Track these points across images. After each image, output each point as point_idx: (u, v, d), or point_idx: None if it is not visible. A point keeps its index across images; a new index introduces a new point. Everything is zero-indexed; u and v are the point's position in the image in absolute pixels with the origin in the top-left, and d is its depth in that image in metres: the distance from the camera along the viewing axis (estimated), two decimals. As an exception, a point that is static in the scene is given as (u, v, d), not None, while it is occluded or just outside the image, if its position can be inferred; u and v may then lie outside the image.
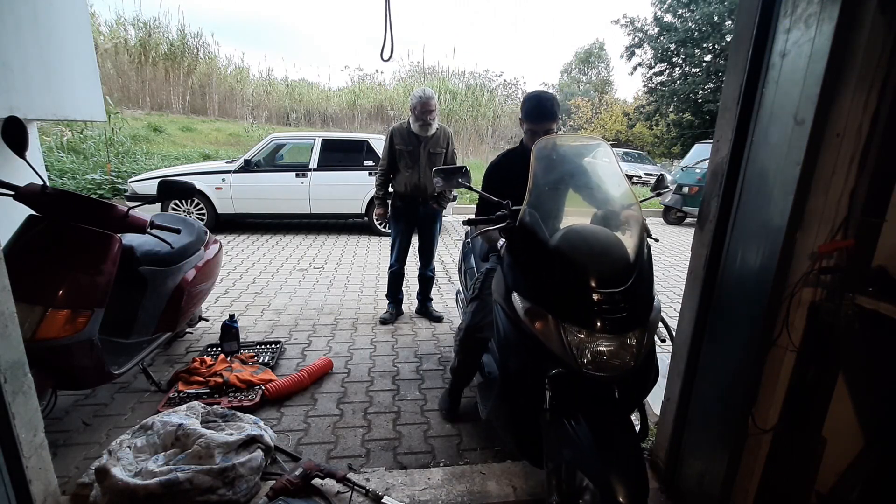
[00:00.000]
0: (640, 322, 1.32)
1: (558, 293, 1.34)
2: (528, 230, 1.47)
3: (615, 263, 1.36)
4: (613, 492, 1.13)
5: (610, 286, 1.31)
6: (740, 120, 1.44)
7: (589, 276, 1.32)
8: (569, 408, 1.34)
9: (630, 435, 1.29)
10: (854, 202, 1.24)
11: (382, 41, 2.21)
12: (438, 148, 3.20)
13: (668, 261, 5.84)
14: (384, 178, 3.27)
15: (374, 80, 19.31)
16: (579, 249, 1.38)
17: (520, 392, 1.50)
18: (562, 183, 1.64)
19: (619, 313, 1.28)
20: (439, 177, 1.85)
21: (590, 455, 1.22)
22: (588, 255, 1.37)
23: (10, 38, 2.65)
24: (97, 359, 1.93)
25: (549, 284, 1.37)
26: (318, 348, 3.00)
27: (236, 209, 6.24)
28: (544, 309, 1.35)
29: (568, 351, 1.29)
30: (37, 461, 1.48)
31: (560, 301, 1.33)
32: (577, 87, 33.22)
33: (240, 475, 1.64)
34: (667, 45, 18.65)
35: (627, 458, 1.22)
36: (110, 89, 12.64)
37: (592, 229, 1.49)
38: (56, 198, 1.85)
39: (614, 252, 1.39)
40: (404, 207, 3.28)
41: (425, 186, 3.19)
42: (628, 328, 1.29)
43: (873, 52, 1.15)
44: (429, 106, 3.03)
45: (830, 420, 1.36)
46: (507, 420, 1.62)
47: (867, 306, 1.18)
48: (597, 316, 1.28)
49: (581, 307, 1.30)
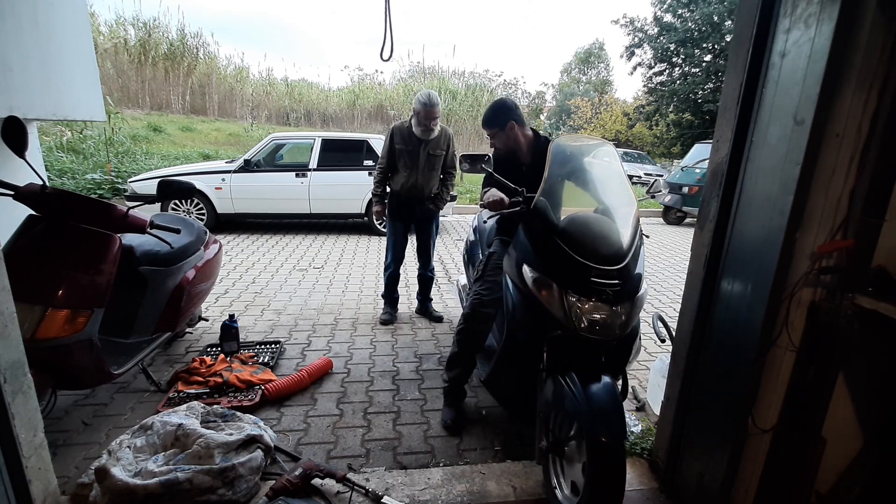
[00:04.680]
0: (629, 297, 1.58)
1: (563, 266, 1.59)
2: (541, 213, 1.72)
3: (612, 246, 1.60)
4: (597, 433, 1.38)
5: (607, 264, 1.55)
6: (740, 120, 1.44)
7: (590, 254, 1.56)
8: (563, 366, 1.58)
9: (613, 392, 1.50)
10: (854, 202, 1.24)
11: (382, 41, 2.21)
12: (439, 150, 3.19)
13: (668, 261, 5.84)
14: (382, 175, 3.26)
15: (374, 80, 19.33)
16: (583, 232, 1.63)
17: (522, 353, 1.77)
18: (571, 176, 1.87)
19: (613, 287, 1.52)
20: (466, 161, 2.09)
21: (580, 404, 1.45)
22: (590, 237, 1.61)
23: (10, 38, 2.65)
24: (97, 359, 1.93)
25: (556, 259, 1.62)
26: (317, 348, 3.00)
27: (236, 209, 6.24)
28: (550, 279, 1.61)
29: (568, 315, 1.56)
30: (37, 461, 1.48)
31: (564, 273, 1.59)
32: (577, 87, 33.22)
33: (239, 475, 1.64)
34: (667, 45, 18.64)
35: (610, 409, 1.44)
36: (110, 89, 12.64)
37: (595, 217, 1.74)
38: (56, 198, 1.85)
39: (612, 237, 1.63)
40: (401, 207, 3.28)
41: (422, 187, 3.19)
42: (619, 301, 1.54)
43: (873, 52, 1.15)
44: (433, 113, 3.02)
45: (830, 420, 1.36)
46: (507, 379, 1.90)
47: (867, 306, 1.18)
48: (594, 287, 1.52)
49: (581, 279, 1.54)
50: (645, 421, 2.24)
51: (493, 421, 2.27)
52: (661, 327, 2.19)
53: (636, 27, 19.88)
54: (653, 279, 4.97)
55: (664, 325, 2.19)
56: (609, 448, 1.37)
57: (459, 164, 2.12)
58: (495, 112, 2.22)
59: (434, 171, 3.23)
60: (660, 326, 2.20)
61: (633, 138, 23.80)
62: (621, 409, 1.45)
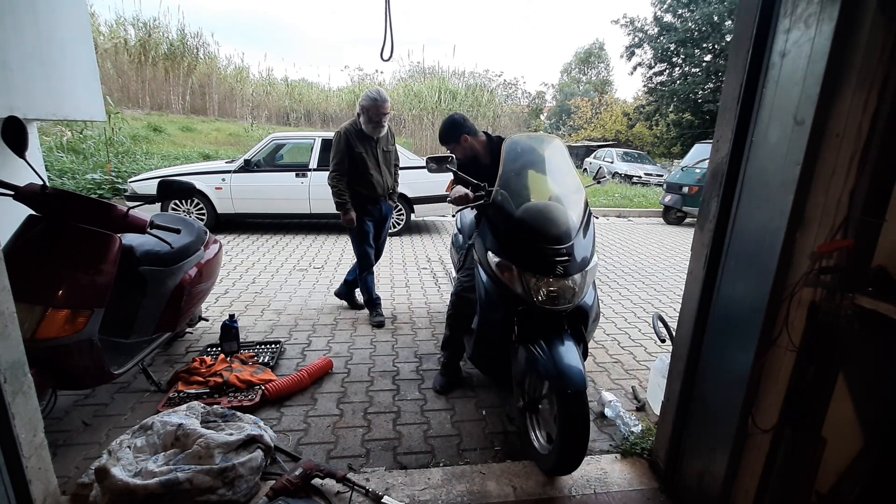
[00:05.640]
0: (579, 269, 1.84)
1: (519, 250, 1.87)
2: (499, 205, 1.99)
3: (561, 227, 1.86)
4: (565, 387, 1.64)
5: (557, 244, 1.82)
6: (740, 120, 1.44)
7: (542, 236, 1.83)
8: (532, 336, 1.84)
9: (575, 352, 1.77)
10: (854, 202, 1.23)
11: (382, 41, 2.21)
12: (389, 146, 3.33)
13: (668, 261, 5.84)
14: (344, 181, 3.14)
15: (374, 80, 19.34)
16: (535, 218, 1.89)
17: (496, 329, 2.01)
18: (524, 169, 2.11)
19: (564, 262, 1.79)
20: (433, 163, 2.27)
21: (549, 366, 1.71)
22: (542, 222, 1.88)
23: (10, 38, 2.65)
24: (97, 359, 1.93)
25: (513, 244, 1.90)
26: (318, 348, 3.00)
27: (236, 209, 6.24)
28: (510, 262, 1.87)
29: (527, 291, 1.82)
30: (37, 461, 1.48)
31: (521, 255, 1.86)
32: (577, 87, 33.22)
33: (239, 475, 1.64)
34: (667, 45, 18.65)
35: (574, 367, 1.70)
36: (110, 89, 12.64)
37: (546, 204, 1.99)
38: (56, 198, 1.85)
39: (561, 220, 1.88)
40: (372, 208, 3.30)
41: (387, 184, 3.32)
42: (570, 273, 1.81)
43: (873, 52, 1.14)
44: (384, 109, 3.09)
45: (830, 420, 1.36)
46: (486, 353, 2.15)
47: (867, 306, 1.18)
48: (547, 264, 1.79)
49: (536, 259, 1.82)
50: (645, 421, 2.24)
51: (493, 421, 2.27)
52: (661, 327, 2.19)
53: (636, 27, 19.89)
54: (653, 279, 4.97)
55: (664, 325, 2.19)
56: (574, 398, 1.64)
57: (426, 166, 2.26)
58: (447, 130, 2.54)
59: (390, 167, 3.35)
60: (660, 326, 2.20)
61: (633, 138, 23.79)
62: (582, 366, 1.73)
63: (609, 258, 5.85)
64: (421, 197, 6.59)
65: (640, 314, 3.88)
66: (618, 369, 2.88)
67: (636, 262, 5.68)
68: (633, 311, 3.96)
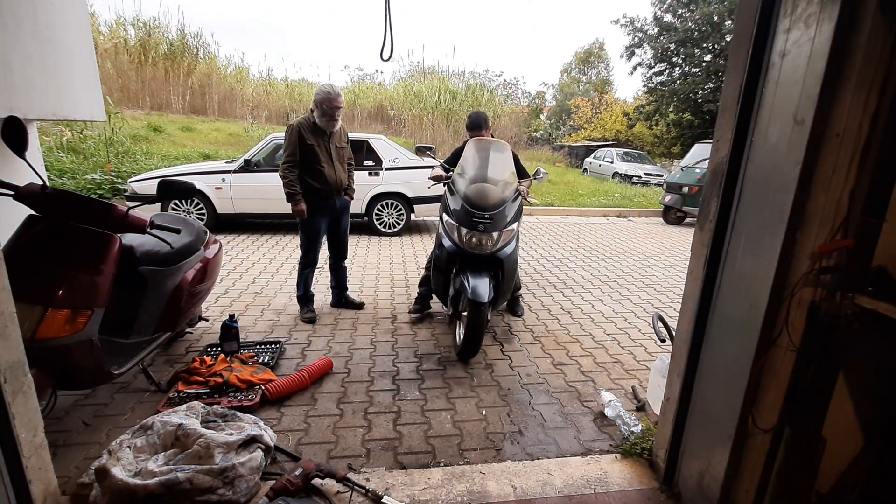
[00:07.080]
0: (496, 229, 2.77)
1: (460, 214, 2.82)
2: (454, 182, 3.04)
3: (489, 201, 2.81)
4: (476, 300, 2.58)
5: (485, 212, 2.76)
6: (740, 120, 1.44)
7: (477, 206, 2.78)
8: (463, 270, 2.79)
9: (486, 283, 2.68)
10: (854, 202, 1.23)
11: (382, 41, 2.22)
12: (342, 142, 3.36)
13: (669, 261, 5.84)
14: (296, 172, 3.19)
15: (374, 80, 19.34)
16: (475, 194, 2.84)
17: (444, 265, 2.94)
18: (478, 160, 3.06)
19: (485, 223, 2.74)
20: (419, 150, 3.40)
21: (468, 286, 2.64)
22: (474, 197, 2.82)
23: (10, 38, 2.65)
24: (97, 359, 1.93)
25: (458, 211, 2.84)
26: (318, 348, 3.00)
27: (236, 209, 6.23)
28: (454, 221, 2.83)
29: (461, 240, 2.79)
30: (37, 461, 1.48)
31: (460, 217, 2.80)
32: (577, 87, 33.18)
33: (240, 475, 1.64)
34: (667, 45, 18.61)
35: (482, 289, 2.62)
36: (110, 89, 12.62)
37: (485, 186, 2.89)
38: (56, 198, 1.85)
39: (489, 196, 2.83)
40: (322, 202, 3.30)
41: (341, 179, 3.33)
42: (489, 231, 2.75)
43: (873, 52, 1.15)
44: (338, 102, 3.14)
45: (830, 420, 1.36)
46: (437, 281, 3.06)
47: (867, 306, 1.18)
48: (474, 223, 2.74)
49: (468, 220, 2.76)
50: (645, 421, 2.24)
51: (493, 421, 2.27)
52: (661, 327, 2.19)
53: (636, 27, 19.85)
54: (653, 279, 4.98)
55: (664, 325, 2.19)
56: (479, 307, 2.58)
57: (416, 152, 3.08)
58: (485, 120, 3.49)
59: (343, 162, 3.38)
60: (660, 326, 2.20)
61: (633, 138, 23.76)
62: (489, 290, 2.65)
63: (609, 258, 5.85)
64: (421, 197, 6.58)
65: (640, 314, 3.88)
66: (618, 369, 2.88)
67: (636, 262, 5.68)
68: (633, 311, 3.96)
